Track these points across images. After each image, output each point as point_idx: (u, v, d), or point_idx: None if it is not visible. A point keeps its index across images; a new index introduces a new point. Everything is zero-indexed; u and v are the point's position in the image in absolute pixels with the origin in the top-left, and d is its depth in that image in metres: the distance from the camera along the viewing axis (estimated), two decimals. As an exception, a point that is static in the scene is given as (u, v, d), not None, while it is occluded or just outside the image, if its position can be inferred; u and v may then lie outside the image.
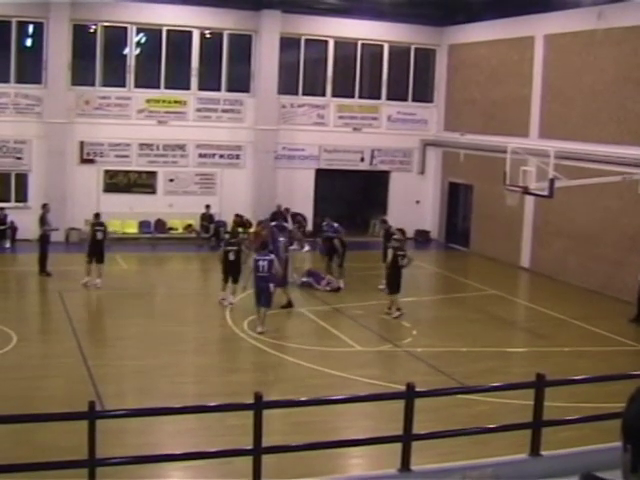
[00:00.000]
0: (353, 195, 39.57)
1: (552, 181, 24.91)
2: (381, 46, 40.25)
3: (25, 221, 33.23)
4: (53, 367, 19.41)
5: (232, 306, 26.14)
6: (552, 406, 11.98)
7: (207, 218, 36.72)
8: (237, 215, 36.34)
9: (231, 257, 26.11)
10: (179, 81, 37.47)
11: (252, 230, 28.46)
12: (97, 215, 29.23)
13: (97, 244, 28.42)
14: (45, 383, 18.23)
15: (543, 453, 11.14)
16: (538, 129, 33.59)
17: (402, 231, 28.39)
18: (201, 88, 37.81)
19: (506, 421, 13.01)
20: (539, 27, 33.52)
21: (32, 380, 18.30)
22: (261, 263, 23.67)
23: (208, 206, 36.62)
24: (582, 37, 31.08)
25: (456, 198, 40.26)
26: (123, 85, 36.81)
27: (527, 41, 34.20)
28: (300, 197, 37.83)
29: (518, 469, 10.29)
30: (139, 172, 37.22)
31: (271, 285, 23.84)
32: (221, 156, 38.16)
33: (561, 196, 26.27)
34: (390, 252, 26.05)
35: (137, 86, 36.94)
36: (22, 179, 35.72)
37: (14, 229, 34.37)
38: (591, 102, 30.63)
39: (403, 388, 10.90)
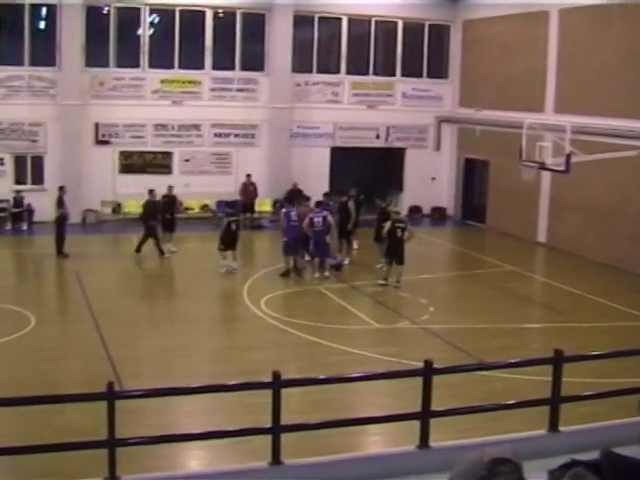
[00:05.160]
0: (368, 173, 39.43)
1: (568, 156, 24.81)
2: (395, 23, 40.08)
3: (42, 203, 33.27)
4: (71, 348, 19.51)
5: (236, 271, 27.50)
6: (570, 382, 11.97)
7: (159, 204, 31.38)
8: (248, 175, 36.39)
9: (233, 227, 27.83)
10: (193, 61, 37.40)
11: (284, 210, 28.62)
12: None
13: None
14: (63, 364, 18.33)
15: (561, 429, 11.14)
16: (553, 104, 33.44)
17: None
18: (215, 67, 37.72)
19: (524, 397, 13.00)
20: (554, 1, 33.30)
21: (50, 362, 18.39)
22: (316, 219, 27.04)
23: (171, 187, 32.26)
24: (597, 11, 30.87)
25: (472, 174, 40.17)
26: (137, 66, 36.78)
27: (542, 16, 34.00)
28: (315, 175, 37.75)
29: (537, 445, 10.29)
30: (154, 153, 37.24)
31: (327, 237, 27.19)
32: (236, 135, 38.13)
33: (577, 171, 26.13)
34: (388, 224, 26.28)
35: (151, 67, 36.90)
36: (38, 162, 35.75)
37: (31, 211, 34.45)
38: (606, 76, 30.45)
39: (421, 365, 10.90)
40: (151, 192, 30.39)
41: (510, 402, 12.78)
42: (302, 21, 38.41)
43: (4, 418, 13.56)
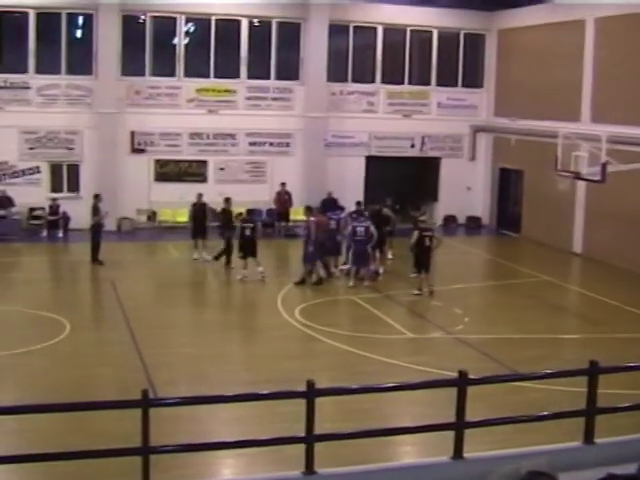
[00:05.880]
0: (404, 182, 39.40)
1: (604, 166, 24.66)
2: (430, 32, 40.07)
3: (77, 211, 33.54)
4: (106, 355, 19.58)
5: (264, 275, 27.52)
6: (605, 393, 11.88)
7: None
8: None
9: (247, 233, 27.70)
10: (228, 70, 37.57)
11: (311, 219, 28.47)
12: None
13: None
14: (98, 371, 18.40)
15: (597, 441, 11.06)
16: (590, 113, 33.26)
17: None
18: (250, 76, 37.86)
19: (559, 408, 12.92)
20: (589, 10, 33.14)
21: (85, 368, 18.49)
22: (359, 229, 27.21)
23: (200, 195, 31.93)
24: (633, 20, 30.69)
25: (507, 184, 40.02)
26: (173, 75, 37.00)
27: (577, 24, 33.84)
28: (350, 184, 37.75)
29: (572, 457, 10.21)
30: (190, 161, 37.42)
31: (369, 247, 27.27)
32: (271, 144, 38.22)
33: (614, 180, 25.98)
34: (416, 233, 26.23)
35: (187, 75, 37.11)
36: (74, 169, 36.05)
37: (66, 219, 34.69)
38: (643, 85, 30.29)
39: (455, 375, 10.86)
40: (227, 200, 30.46)
41: (545, 413, 12.70)
42: (337, 30, 38.45)
43: (39, 424, 13.64)
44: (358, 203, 30.86)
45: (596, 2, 32.56)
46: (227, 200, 30.49)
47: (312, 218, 28.61)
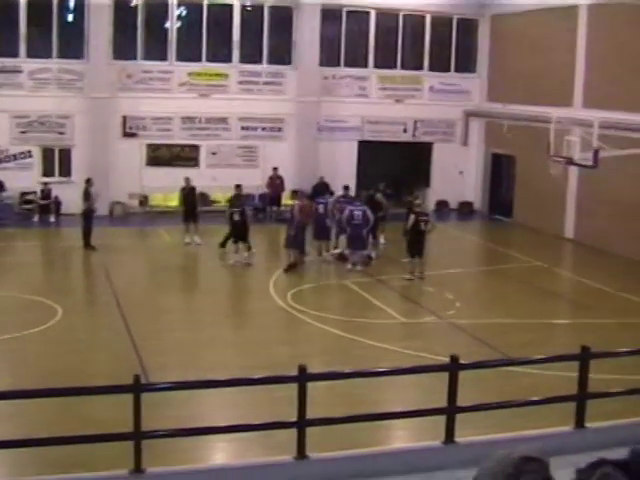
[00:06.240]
0: (396, 167, 39.32)
1: (596, 151, 24.65)
2: (423, 17, 39.93)
3: (69, 195, 33.44)
4: (98, 340, 19.59)
5: (251, 257, 27.84)
6: (596, 378, 11.91)
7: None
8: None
9: (236, 217, 27.84)
10: (220, 54, 37.46)
11: (296, 203, 28.61)
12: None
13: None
14: (90, 356, 18.39)
15: (588, 425, 11.10)
16: (582, 99, 33.24)
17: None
18: (243, 61, 37.72)
19: (550, 393, 12.96)
20: (583, -4, 33.15)
21: (77, 353, 18.47)
22: (356, 213, 27.25)
23: (188, 179, 31.71)
24: (626, 6, 30.65)
25: (499, 169, 39.99)
26: (165, 59, 36.85)
27: (571, 11, 33.77)
28: (343, 169, 37.73)
29: (563, 441, 10.26)
30: (181, 145, 37.34)
31: (364, 231, 27.31)
32: (263, 129, 38.13)
33: (606, 166, 25.97)
34: (412, 217, 26.23)
35: (179, 59, 36.96)
36: (65, 154, 35.92)
37: (58, 203, 34.63)
38: (635, 71, 30.23)
39: (447, 360, 10.89)
40: (238, 187, 30.36)
41: (536, 398, 12.74)
42: (330, 15, 38.32)
43: (31, 409, 13.65)
44: (346, 187, 30.86)
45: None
46: (238, 187, 30.39)
47: (296, 201, 28.73)
